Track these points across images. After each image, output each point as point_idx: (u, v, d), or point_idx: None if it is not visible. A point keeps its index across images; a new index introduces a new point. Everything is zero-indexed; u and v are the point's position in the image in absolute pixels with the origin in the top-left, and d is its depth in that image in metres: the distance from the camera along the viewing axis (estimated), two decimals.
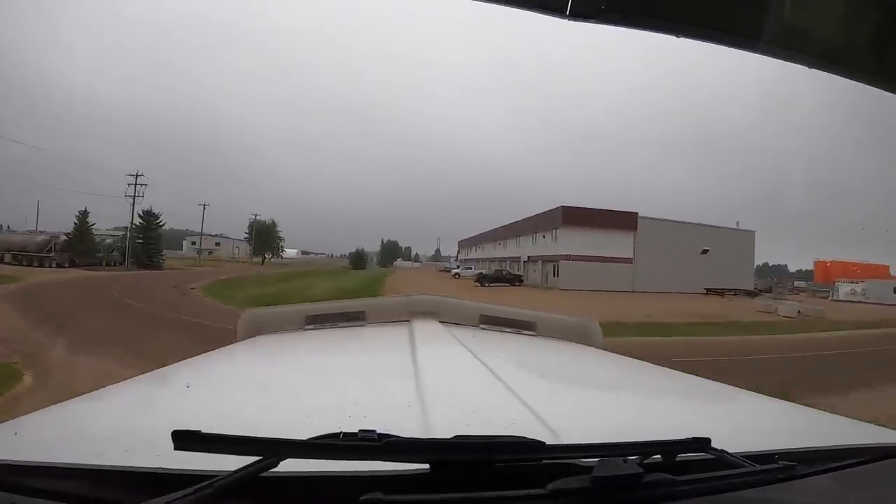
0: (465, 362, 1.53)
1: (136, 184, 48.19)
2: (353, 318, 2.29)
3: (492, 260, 53.38)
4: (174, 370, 1.59)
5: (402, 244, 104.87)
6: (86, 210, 45.74)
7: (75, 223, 44.14)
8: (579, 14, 0.97)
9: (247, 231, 72.23)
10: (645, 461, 0.79)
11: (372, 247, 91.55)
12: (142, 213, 48.73)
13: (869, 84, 1.19)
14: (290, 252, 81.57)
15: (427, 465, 0.74)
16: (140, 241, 47.81)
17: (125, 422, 1.07)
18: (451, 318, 2.32)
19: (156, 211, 49.53)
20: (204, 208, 61.84)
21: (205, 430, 0.68)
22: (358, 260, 73.72)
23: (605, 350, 2.30)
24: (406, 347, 1.71)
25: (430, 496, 0.70)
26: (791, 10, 1.06)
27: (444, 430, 0.83)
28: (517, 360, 1.95)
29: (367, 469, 0.72)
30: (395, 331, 2.13)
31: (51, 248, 39.93)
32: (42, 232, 43.77)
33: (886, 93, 1.16)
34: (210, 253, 77.72)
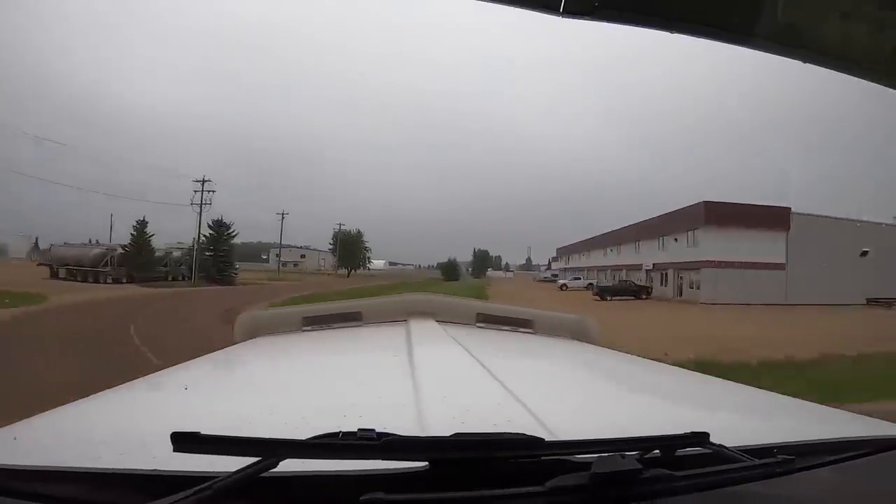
0: (462, 361, 1.53)
1: (202, 190, 45.18)
2: (350, 319, 2.29)
3: (600, 268, 48.60)
4: (172, 373, 1.59)
5: (492, 253, 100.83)
6: (144, 220, 42.42)
7: (132, 234, 41.34)
8: (573, 11, 0.97)
9: (331, 242, 70.02)
10: (643, 457, 0.79)
11: (461, 256, 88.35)
12: (211, 224, 45.76)
13: (865, 79, 1.19)
14: (377, 263, 79.09)
15: (426, 463, 0.74)
16: (210, 253, 44.35)
17: (123, 425, 1.07)
18: (447, 316, 2.32)
19: (227, 221, 46.43)
20: (282, 217, 59.30)
21: (204, 431, 0.68)
22: (450, 270, 72.51)
23: (602, 347, 2.31)
24: (403, 347, 1.71)
25: (430, 494, 0.70)
26: (785, 6, 1.06)
27: (442, 428, 0.83)
28: (515, 358, 1.95)
29: (367, 468, 0.72)
30: (392, 330, 2.13)
31: (106, 261, 37.81)
32: (97, 244, 41.98)
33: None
34: (295, 265, 75.45)
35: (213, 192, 45.49)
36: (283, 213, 59.53)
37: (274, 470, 0.70)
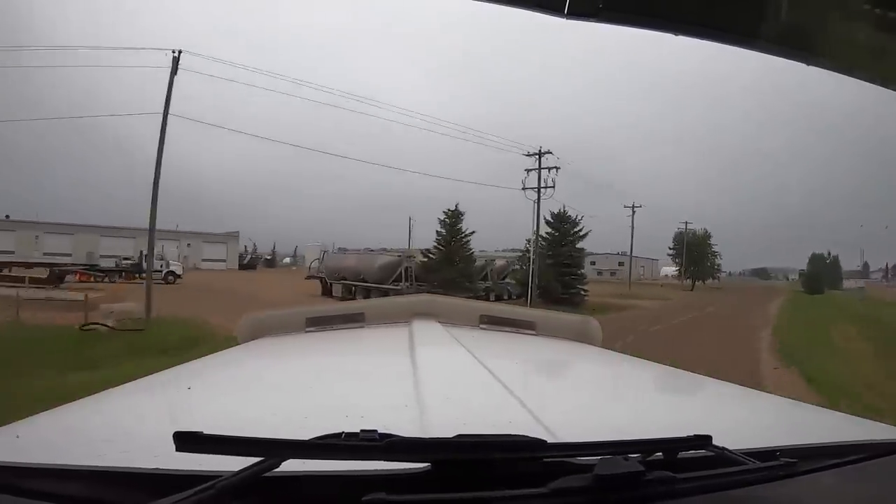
0: (464, 362, 1.53)
1: (538, 168, 27.30)
2: (353, 320, 2.30)
3: None
4: (175, 373, 1.59)
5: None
6: (457, 209, 28.00)
7: (440, 233, 28.00)
8: (577, 13, 0.97)
9: (672, 246, 52.59)
10: (646, 459, 0.79)
11: None
12: (549, 218, 29.44)
13: (871, 82, 1.19)
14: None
15: (428, 465, 0.74)
16: (550, 260, 28.52)
17: (127, 424, 1.07)
18: (450, 318, 2.32)
19: (572, 213, 30.18)
20: None
21: (206, 431, 0.68)
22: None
23: (604, 349, 2.31)
24: (406, 348, 1.71)
25: (432, 495, 0.70)
26: (791, 7, 1.06)
27: (444, 429, 0.83)
28: (517, 360, 1.95)
29: (369, 469, 0.73)
30: (395, 332, 2.13)
31: (400, 274, 25.99)
32: (384, 251, 29.97)
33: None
34: (613, 274, 55.47)
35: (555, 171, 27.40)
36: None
37: (276, 470, 0.70)
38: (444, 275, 26.22)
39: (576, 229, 31.15)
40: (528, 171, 28.40)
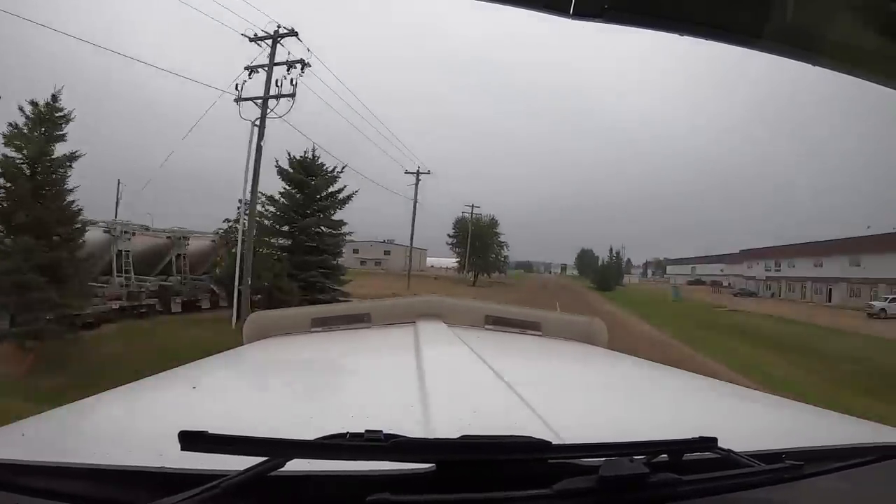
0: (470, 363, 1.53)
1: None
2: (359, 320, 2.30)
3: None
4: (180, 372, 1.60)
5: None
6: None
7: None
8: (583, 13, 0.97)
9: (452, 233, 46.03)
10: (651, 461, 0.79)
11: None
12: (291, 164, 18.57)
13: (877, 82, 1.18)
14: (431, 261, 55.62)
15: (433, 465, 0.74)
16: (284, 241, 18.95)
17: (131, 423, 1.08)
18: (456, 318, 2.32)
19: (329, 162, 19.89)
20: None
21: (211, 430, 0.68)
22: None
23: (610, 350, 2.30)
24: (411, 349, 1.71)
25: (437, 496, 0.70)
26: (796, 7, 1.05)
27: (449, 430, 0.83)
28: (522, 361, 1.95)
29: (374, 469, 0.73)
30: (401, 332, 2.13)
31: None
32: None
33: None
34: (378, 264, 52.86)
35: None
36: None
37: (281, 470, 0.70)
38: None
39: (333, 189, 19.12)
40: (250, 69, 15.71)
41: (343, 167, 19.93)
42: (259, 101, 15.99)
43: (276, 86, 16.20)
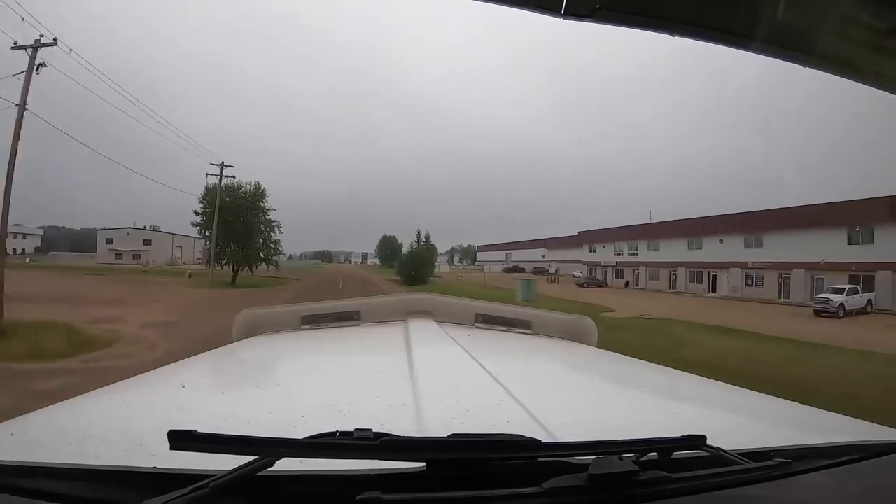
0: (460, 361, 1.53)
1: None
2: (349, 318, 2.29)
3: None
4: (170, 370, 1.59)
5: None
6: None
7: None
8: (574, 13, 0.97)
9: (200, 210, 33.22)
10: (640, 459, 0.79)
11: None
12: None
13: (866, 84, 1.19)
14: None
15: (423, 464, 0.74)
16: None
17: (121, 422, 1.07)
18: (446, 317, 2.32)
19: None
20: None
21: (201, 429, 0.68)
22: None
23: (599, 348, 2.31)
24: (401, 347, 1.71)
25: (427, 494, 0.70)
26: (787, 8, 1.06)
27: (439, 429, 0.83)
28: (512, 359, 1.95)
29: (364, 468, 0.72)
30: (391, 330, 2.13)
31: None
32: None
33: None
34: (137, 258, 43.11)
35: None
36: None
37: (271, 469, 0.70)
38: None
39: None
40: None
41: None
42: None
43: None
